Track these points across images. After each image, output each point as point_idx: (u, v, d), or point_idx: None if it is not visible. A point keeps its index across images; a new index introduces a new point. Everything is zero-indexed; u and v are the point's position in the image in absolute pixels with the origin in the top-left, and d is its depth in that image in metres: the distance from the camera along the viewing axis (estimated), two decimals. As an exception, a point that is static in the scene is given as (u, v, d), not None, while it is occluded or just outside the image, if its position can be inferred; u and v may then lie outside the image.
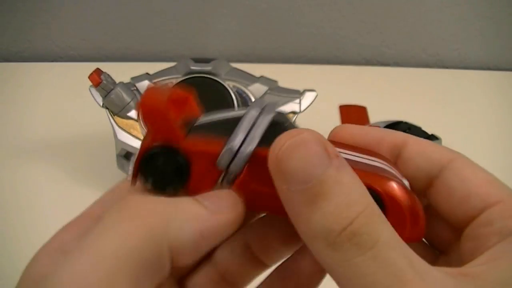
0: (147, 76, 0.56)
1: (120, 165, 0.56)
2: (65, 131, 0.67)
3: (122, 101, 0.53)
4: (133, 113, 0.54)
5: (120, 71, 0.56)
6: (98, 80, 0.52)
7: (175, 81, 0.55)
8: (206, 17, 0.84)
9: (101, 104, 0.55)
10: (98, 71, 0.53)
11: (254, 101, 0.55)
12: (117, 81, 0.54)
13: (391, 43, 0.86)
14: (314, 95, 0.56)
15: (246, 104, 0.54)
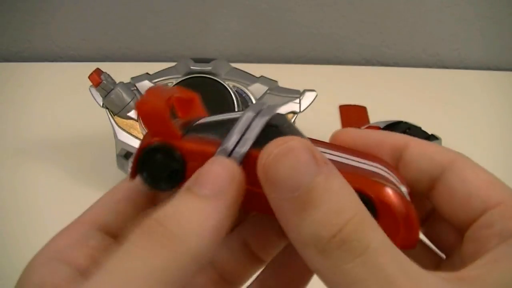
0: (147, 76, 0.56)
1: (120, 165, 0.56)
2: (65, 131, 0.67)
3: (122, 101, 0.53)
4: (133, 113, 0.54)
5: (120, 71, 0.56)
6: (98, 80, 0.52)
7: (175, 81, 0.55)
8: (206, 17, 0.84)
9: (101, 104, 0.55)
10: (98, 71, 0.53)
11: (254, 103, 0.55)
12: (117, 81, 0.54)
13: (391, 43, 0.86)
14: (314, 95, 0.56)
15: (246, 104, 0.54)
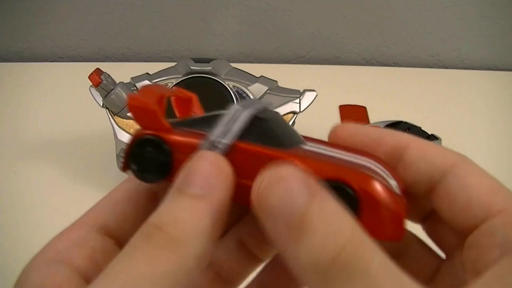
0: (147, 76, 0.56)
1: (120, 165, 0.56)
2: (65, 131, 0.66)
3: (122, 101, 0.53)
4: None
5: (120, 71, 0.56)
6: (98, 80, 0.52)
7: (175, 81, 0.55)
8: (206, 17, 0.84)
9: (101, 104, 0.55)
10: (98, 71, 0.53)
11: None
12: (117, 81, 0.54)
13: (391, 43, 0.86)
14: (314, 95, 0.56)
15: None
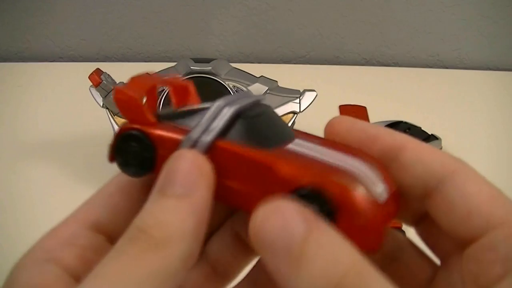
0: (147, 76, 0.56)
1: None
2: (65, 131, 0.66)
3: (122, 101, 0.53)
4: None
5: (120, 71, 0.55)
6: (98, 80, 0.52)
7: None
8: (206, 17, 0.84)
9: (101, 104, 0.55)
10: (98, 71, 0.53)
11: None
12: (117, 81, 0.54)
13: (391, 43, 0.86)
14: (314, 95, 0.56)
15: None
